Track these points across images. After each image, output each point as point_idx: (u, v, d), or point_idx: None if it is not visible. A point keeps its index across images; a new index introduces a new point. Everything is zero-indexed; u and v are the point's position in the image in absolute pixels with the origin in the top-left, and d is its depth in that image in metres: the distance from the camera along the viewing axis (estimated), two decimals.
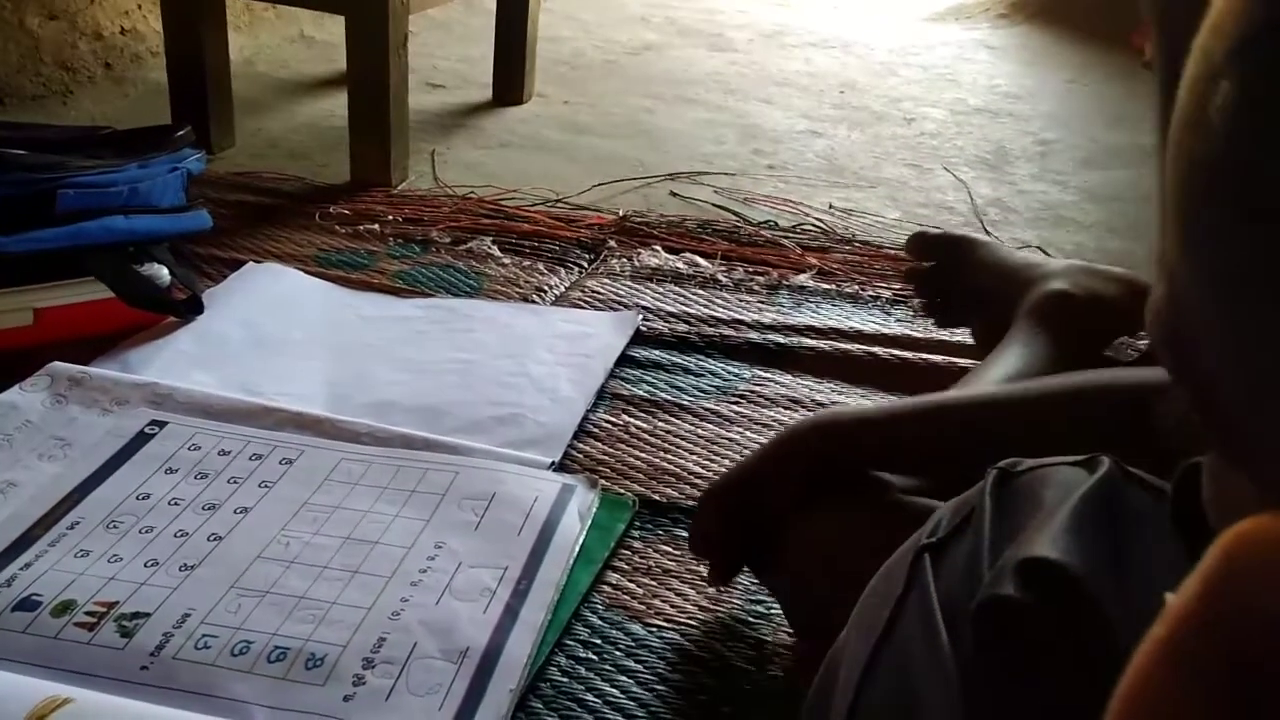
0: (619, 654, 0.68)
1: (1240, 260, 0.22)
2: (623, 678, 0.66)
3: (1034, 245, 1.33)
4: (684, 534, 0.78)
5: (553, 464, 0.83)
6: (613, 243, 1.25)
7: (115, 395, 0.87)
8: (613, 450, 0.87)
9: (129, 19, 1.76)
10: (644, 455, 0.87)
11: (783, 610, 0.69)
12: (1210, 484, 0.27)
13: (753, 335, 1.06)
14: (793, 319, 1.10)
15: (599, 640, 0.69)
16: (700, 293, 1.15)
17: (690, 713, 0.64)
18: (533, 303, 1.11)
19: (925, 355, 1.04)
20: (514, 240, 1.24)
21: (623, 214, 1.33)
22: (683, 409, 0.94)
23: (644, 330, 1.06)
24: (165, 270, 1.00)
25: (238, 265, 1.12)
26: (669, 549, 0.77)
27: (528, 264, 1.19)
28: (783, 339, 1.06)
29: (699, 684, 0.66)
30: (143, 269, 0.99)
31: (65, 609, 0.65)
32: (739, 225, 1.33)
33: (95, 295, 0.95)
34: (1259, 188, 0.21)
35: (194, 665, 0.62)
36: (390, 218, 1.28)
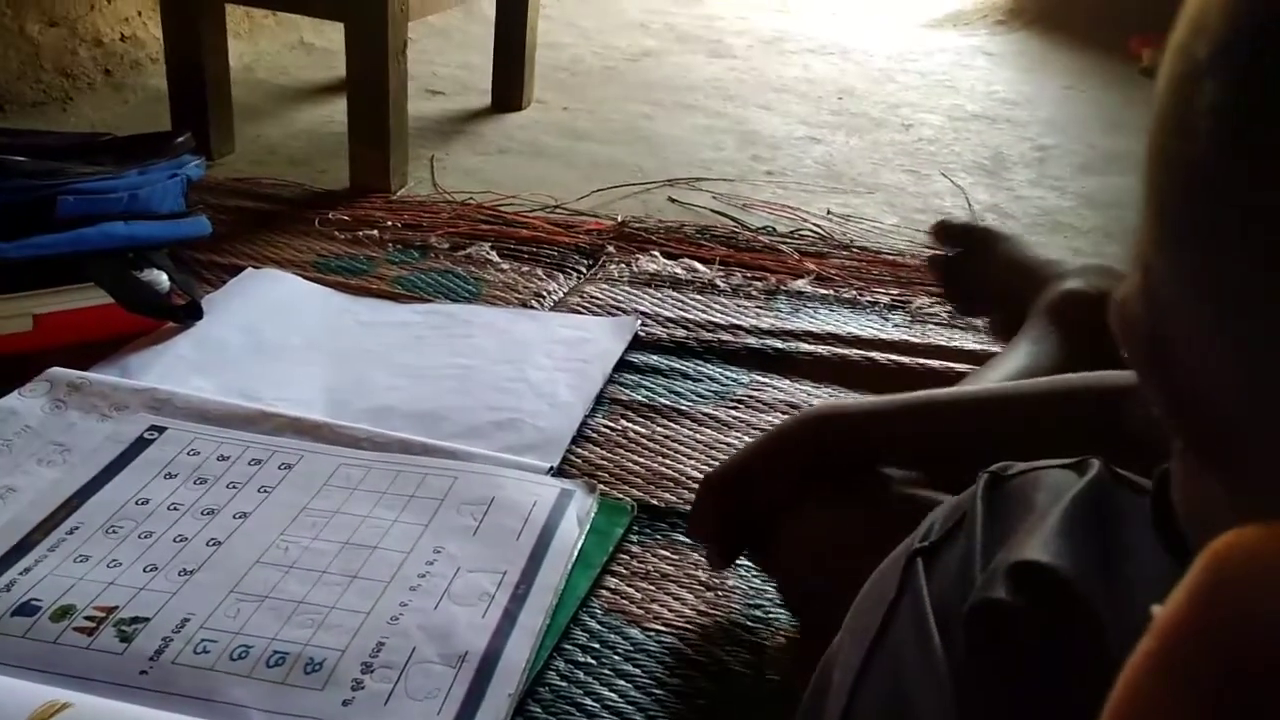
0: (617, 658, 0.68)
1: (1223, 258, 0.22)
2: (621, 682, 0.66)
3: None
4: (683, 538, 0.78)
5: (551, 469, 0.84)
6: (611, 248, 1.25)
7: (114, 400, 0.87)
8: (611, 455, 0.88)
9: (129, 26, 1.76)
10: (642, 460, 0.87)
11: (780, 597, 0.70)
12: (1179, 486, 0.27)
13: (751, 340, 1.07)
14: (791, 324, 1.11)
15: (597, 645, 0.69)
16: (698, 298, 1.16)
17: (689, 717, 0.64)
18: (531, 308, 1.12)
19: (923, 360, 1.04)
20: (513, 246, 1.24)
21: (621, 220, 1.33)
22: (681, 414, 0.94)
23: (642, 335, 1.06)
24: (165, 276, 1.00)
25: (237, 271, 1.12)
26: (667, 553, 0.77)
27: (526, 269, 1.20)
28: (781, 344, 1.06)
29: (697, 688, 0.66)
30: (142, 275, 0.99)
31: (64, 614, 0.65)
32: (737, 231, 1.34)
33: (95, 301, 0.96)
34: (1241, 187, 0.21)
35: (193, 670, 0.62)
36: (389, 223, 1.28)
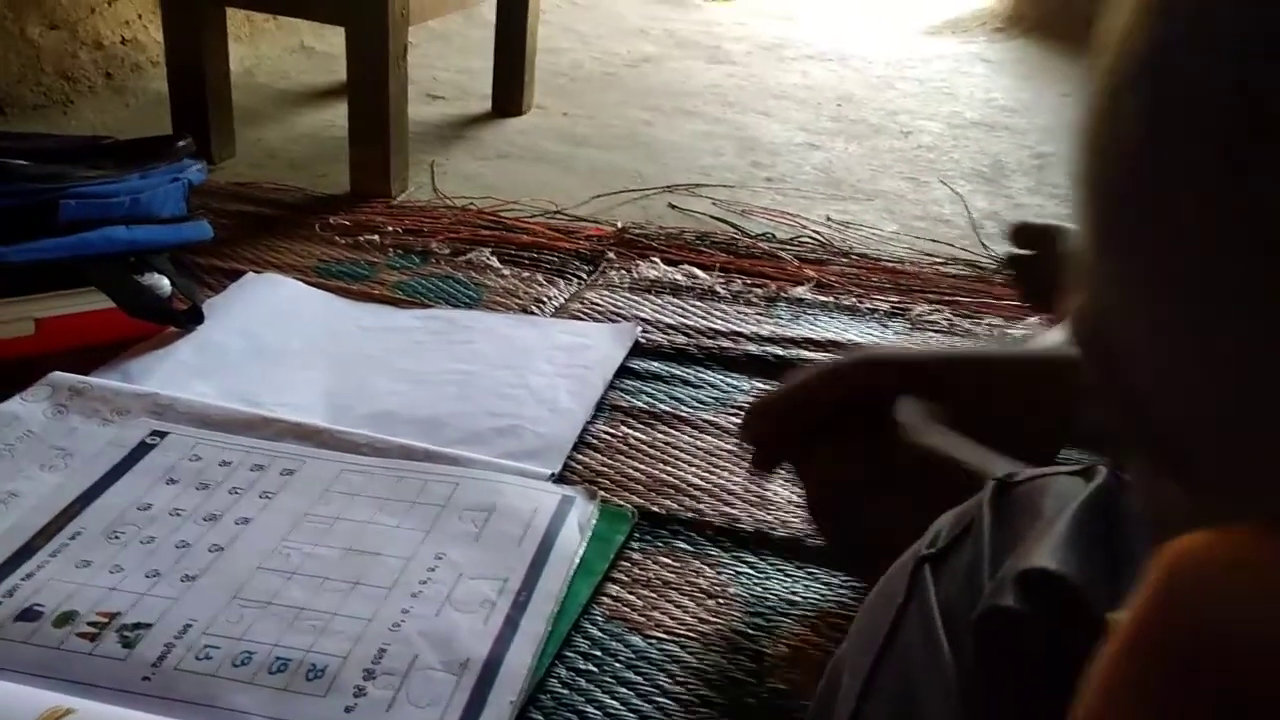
0: (619, 666, 0.68)
1: (1156, 260, 0.22)
2: (623, 689, 0.66)
3: None
4: (683, 546, 0.79)
5: (552, 475, 0.84)
6: (611, 254, 1.25)
7: (116, 405, 0.87)
8: (612, 462, 0.88)
9: (130, 29, 1.76)
10: (643, 467, 0.87)
11: None
12: (1139, 491, 0.27)
13: (751, 347, 1.07)
14: (791, 331, 1.11)
15: (599, 652, 0.69)
16: (699, 305, 1.16)
17: None
18: (532, 314, 1.12)
19: None
20: (513, 251, 1.25)
21: (621, 226, 1.34)
22: (681, 420, 0.94)
23: (643, 342, 1.06)
24: (166, 280, 1.00)
25: (238, 275, 1.12)
26: (669, 561, 0.77)
27: (527, 275, 1.20)
28: (781, 351, 1.06)
29: (699, 696, 0.66)
30: (143, 279, 0.99)
31: (67, 619, 0.65)
32: (737, 237, 1.34)
33: (96, 305, 0.96)
34: (1168, 197, 0.22)
35: (195, 676, 0.62)
36: (390, 229, 1.28)
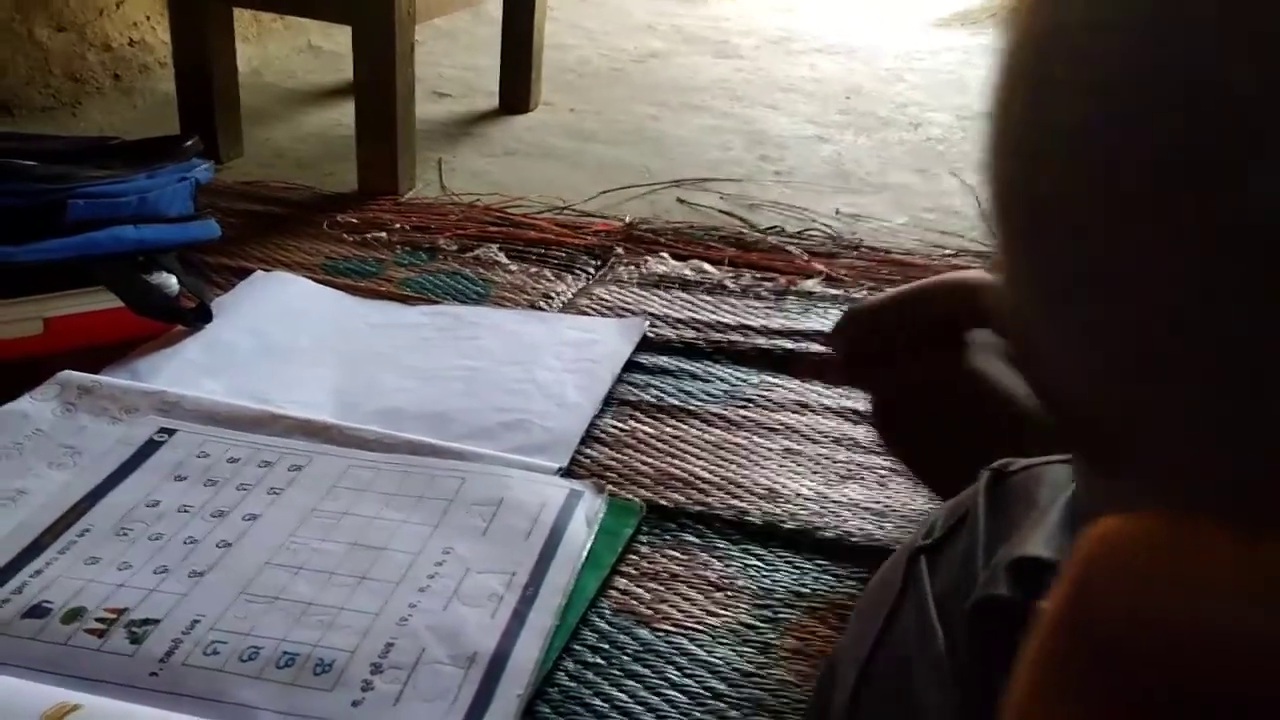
0: (627, 659, 0.68)
1: (1054, 265, 0.23)
2: (630, 682, 0.66)
3: None
4: (691, 539, 0.78)
5: (560, 469, 0.84)
6: (620, 249, 1.25)
7: (124, 403, 0.87)
8: (620, 456, 0.87)
9: (137, 30, 1.77)
10: (651, 460, 0.87)
11: None
12: (1078, 480, 0.27)
13: (760, 341, 1.06)
14: (801, 324, 1.10)
15: (607, 645, 0.69)
16: (708, 299, 1.15)
17: (698, 718, 0.64)
18: (540, 309, 1.12)
19: None
20: (521, 248, 1.24)
21: (629, 221, 1.33)
22: (690, 414, 0.94)
23: (651, 337, 1.06)
24: (174, 279, 1.01)
25: (246, 274, 1.12)
26: (676, 554, 0.77)
27: (535, 271, 1.20)
28: (791, 344, 1.06)
29: (707, 688, 0.66)
30: (151, 278, 0.99)
31: (75, 616, 0.66)
32: (745, 231, 1.34)
33: (104, 304, 0.96)
34: (1046, 205, 0.23)
35: (203, 671, 0.62)
36: (398, 226, 1.28)
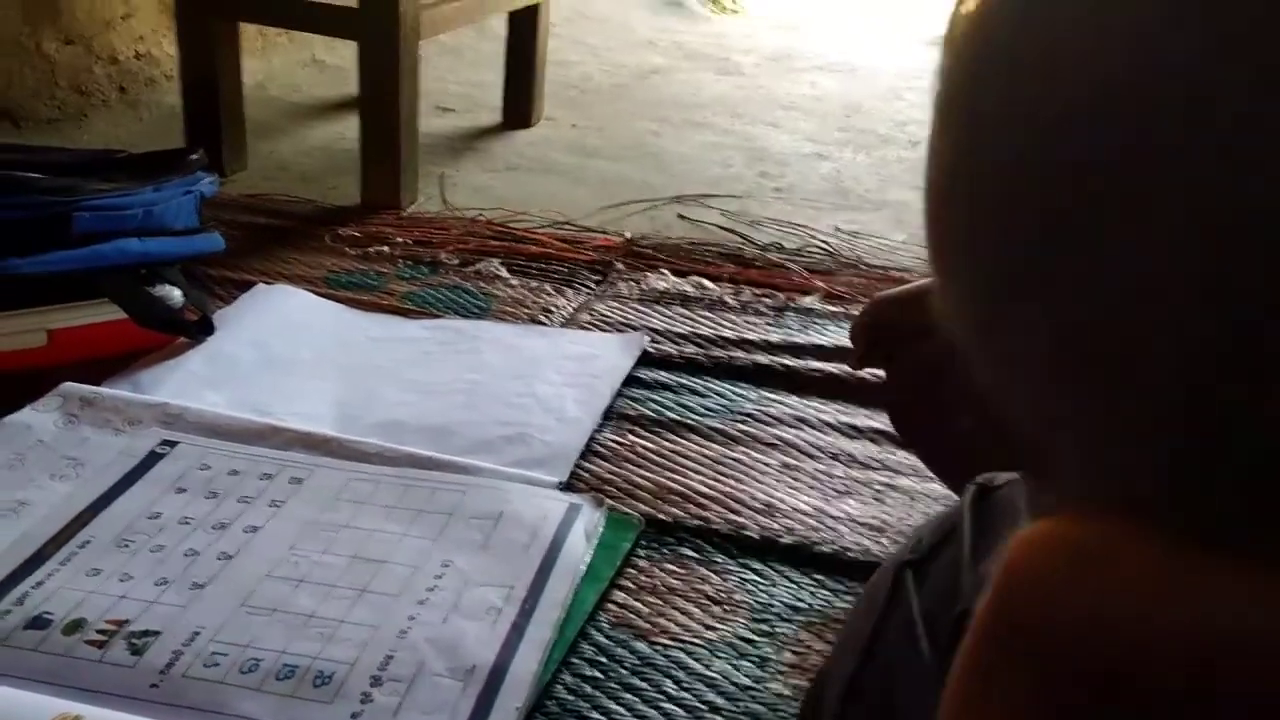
0: (625, 672, 0.68)
1: (970, 286, 0.24)
2: (628, 696, 0.66)
3: None
4: (689, 553, 0.79)
5: (559, 483, 0.84)
6: (620, 265, 1.26)
7: (127, 415, 0.88)
8: (619, 470, 0.88)
9: (144, 44, 1.78)
10: (650, 475, 0.87)
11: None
12: (1025, 491, 0.28)
13: (760, 357, 1.07)
14: (800, 340, 1.11)
15: (605, 659, 0.69)
16: (708, 315, 1.16)
17: None
18: (540, 324, 1.12)
19: None
20: (522, 262, 1.25)
21: (630, 236, 1.34)
22: (688, 429, 0.94)
23: (651, 352, 1.07)
24: (177, 291, 1.01)
25: (249, 287, 1.13)
26: (675, 568, 0.77)
27: (535, 286, 1.20)
28: (790, 360, 1.06)
29: (705, 702, 0.66)
30: (155, 290, 1.00)
31: (76, 627, 0.66)
32: (745, 247, 1.34)
33: (108, 316, 0.96)
34: (956, 233, 0.24)
35: (203, 683, 0.63)
36: (400, 240, 1.29)
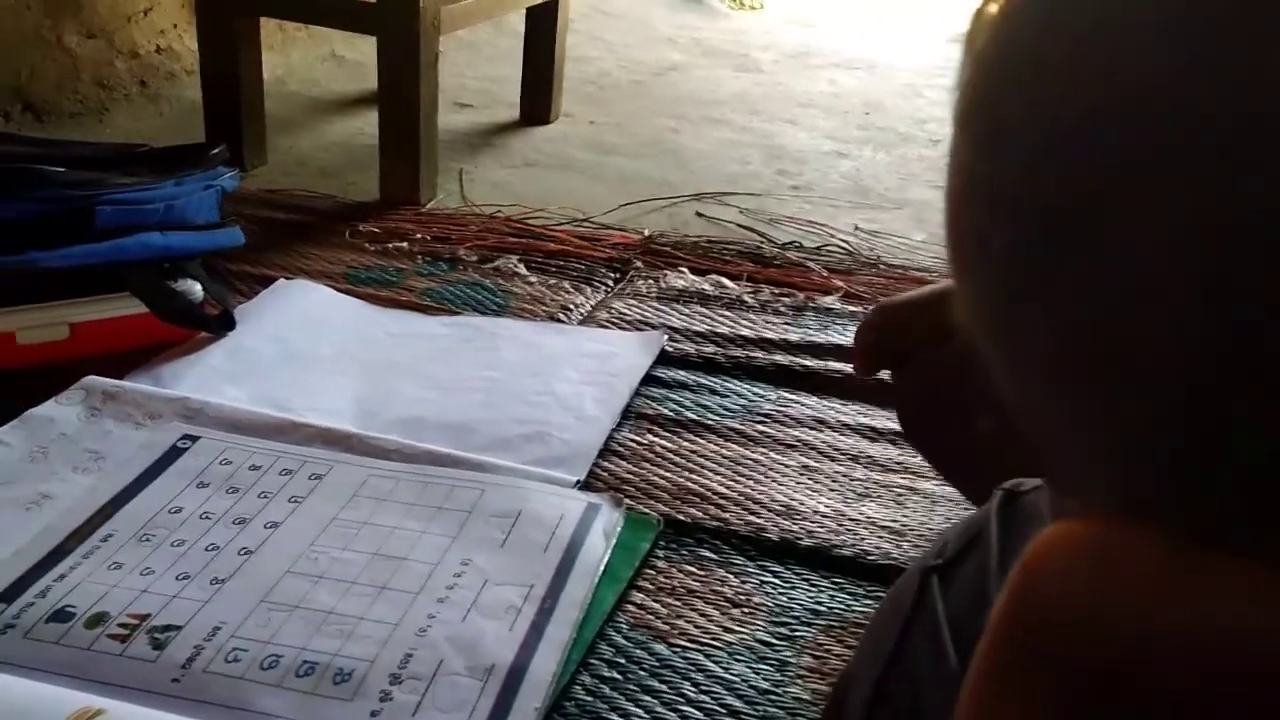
0: (643, 674, 0.68)
1: (984, 288, 0.24)
2: (647, 698, 0.66)
3: None
4: (708, 554, 0.79)
5: (578, 482, 0.84)
6: (639, 263, 1.25)
7: (149, 409, 0.88)
8: (637, 469, 0.88)
9: (165, 38, 1.79)
10: (669, 475, 0.87)
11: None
12: (1047, 496, 0.28)
13: (779, 357, 1.07)
14: (819, 340, 1.11)
15: (623, 660, 0.69)
16: (726, 314, 1.16)
17: None
18: (559, 321, 1.12)
19: None
20: (540, 259, 1.25)
21: (648, 234, 1.34)
22: (708, 429, 0.94)
23: (670, 351, 1.06)
24: (198, 286, 1.02)
25: (269, 282, 1.13)
26: (693, 569, 0.77)
27: (554, 283, 1.20)
28: (810, 361, 1.06)
29: (723, 705, 0.66)
30: (176, 285, 1.00)
31: (98, 621, 0.66)
32: (764, 246, 1.34)
33: (130, 310, 0.97)
34: (972, 236, 0.24)
35: (224, 678, 0.63)
36: (419, 236, 1.29)
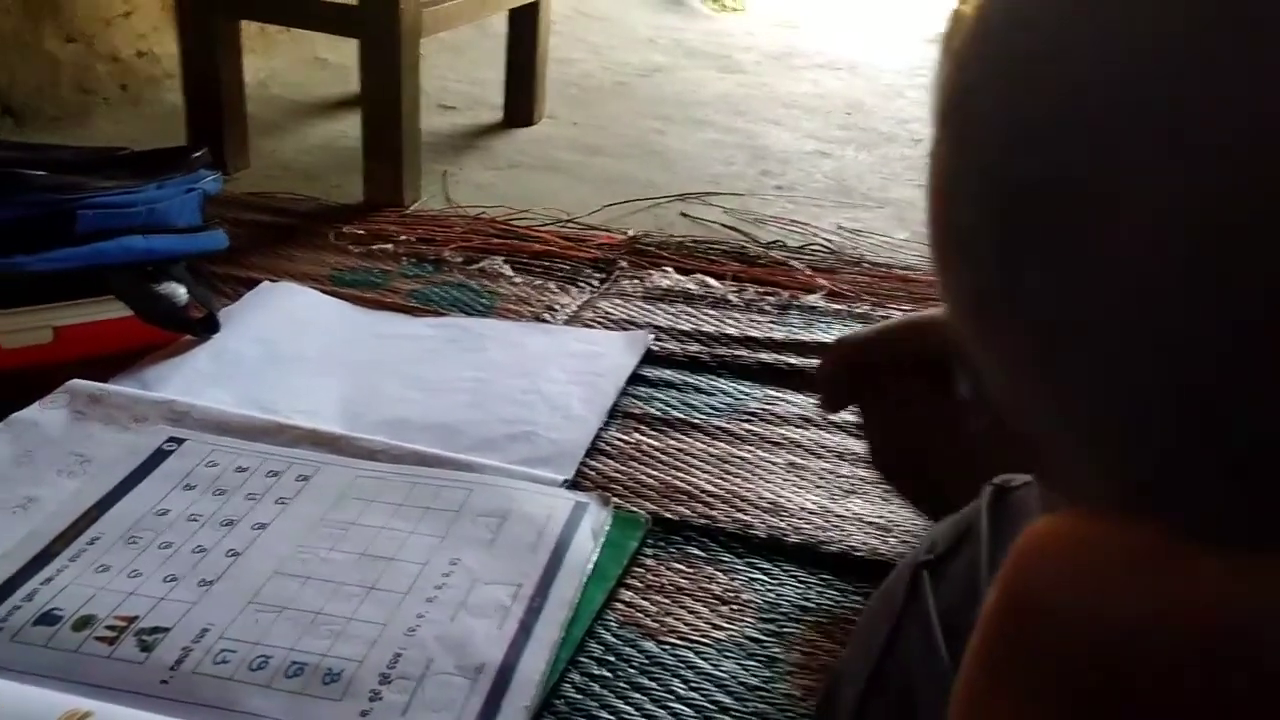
0: (632, 672, 0.68)
1: (967, 286, 0.25)
2: (637, 695, 0.66)
3: None
4: (696, 552, 0.79)
5: (566, 482, 0.84)
6: (623, 263, 1.26)
7: (134, 412, 0.88)
8: (625, 468, 0.88)
9: (145, 42, 1.78)
10: (656, 473, 0.88)
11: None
12: (1037, 484, 0.29)
13: (764, 355, 1.07)
14: (804, 339, 1.11)
15: (613, 658, 0.69)
16: (711, 313, 1.16)
17: None
18: (544, 322, 1.12)
19: None
20: (525, 260, 1.25)
21: (633, 234, 1.34)
22: (694, 427, 0.95)
23: (655, 350, 1.07)
24: (182, 289, 1.01)
25: (253, 284, 1.13)
26: (682, 567, 0.77)
27: (539, 283, 1.20)
28: (795, 359, 1.07)
29: (713, 702, 0.66)
30: (160, 288, 1.00)
31: (86, 623, 0.66)
32: (748, 245, 1.34)
33: (114, 314, 0.97)
34: (954, 233, 0.24)
35: (213, 680, 0.63)
36: (403, 237, 1.29)
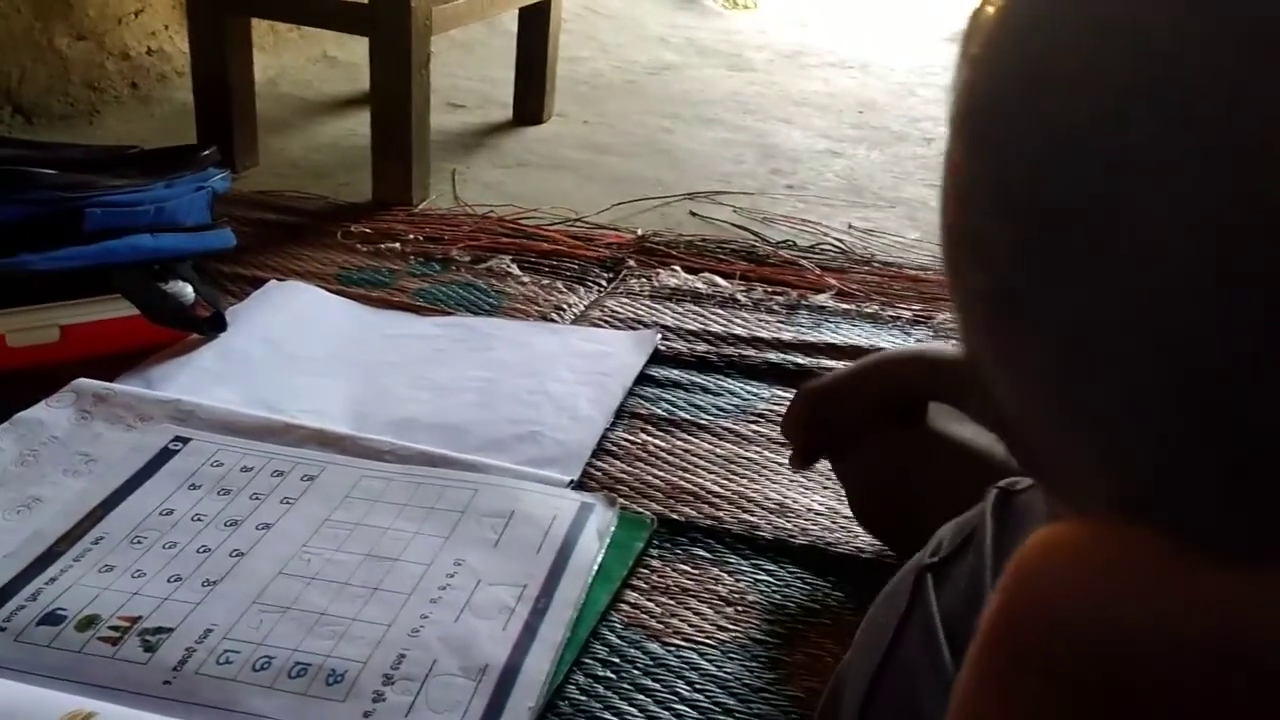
0: (637, 673, 0.68)
1: (981, 289, 0.24)
2: (641, 697, 0.66)
3: None
4: (702, 553, 0.78)
5: (571, 482, 0.84)
6: (632, 262, 1.25)
7: (139, 411, 0.88)
8: (631, 469, 0.88)
9: (155, 40, 1.78)
10: (662, 474, 0.87)
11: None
12: (1042, 493, 0.28)
13: (772, 355, 1.06)
14: (812, 339, 1.10)
15: (617, 659, 0.69)
16: (719, 312, 1.16)
17: None
18: (552, 321, 1.12)
19: None
20: (533, 259, 1.25)
21: (641, 233, 1.34)
22: (701, 428, 0.94)
23: (663, 350, 1.06)
24: (189, 288, 1.01)
25: (260, 283, 1.13)
26: (687, 568, 0.77)
27: (547, 283, 1.20)
28: (803, 359, 1.06)
29: (717, 704, 0.66)
30: (167, 286, 1.00)
31: (89, 623, 0.66)
32: (757, 245, 1.34)
33: (120, 312, 0.96)
34: (970, 239, 0.25)
35: (216, 680, 0.63)
36: (411, 236, 1.29)
